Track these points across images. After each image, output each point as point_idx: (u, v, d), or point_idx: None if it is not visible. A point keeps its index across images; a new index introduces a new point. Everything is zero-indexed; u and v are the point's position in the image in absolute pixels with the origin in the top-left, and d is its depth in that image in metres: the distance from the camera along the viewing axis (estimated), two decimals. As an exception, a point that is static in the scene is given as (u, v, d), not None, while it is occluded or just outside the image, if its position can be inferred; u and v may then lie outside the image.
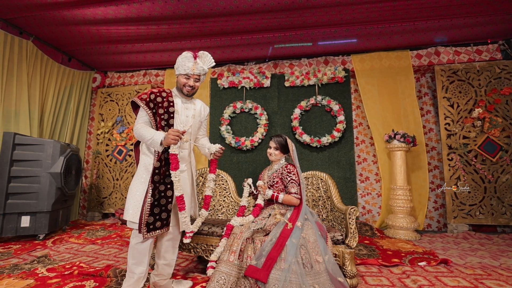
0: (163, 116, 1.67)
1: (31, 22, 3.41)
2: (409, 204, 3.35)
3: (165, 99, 1.70)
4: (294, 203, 1.85)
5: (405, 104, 3.86)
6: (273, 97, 4.20)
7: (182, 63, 1.69)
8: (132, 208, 1.56)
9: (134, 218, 1.54)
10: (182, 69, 1.70)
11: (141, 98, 1.67)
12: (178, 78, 1.74)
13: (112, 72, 4.97)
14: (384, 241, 3.11)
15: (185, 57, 1.69)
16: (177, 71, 1.73)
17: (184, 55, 1.71)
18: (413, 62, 3.87)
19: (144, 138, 1.59)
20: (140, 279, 1.53)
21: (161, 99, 1.69)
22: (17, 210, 2.91)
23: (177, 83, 1.77)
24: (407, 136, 3.41)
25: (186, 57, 1.69)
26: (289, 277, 1.42)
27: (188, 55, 1.70)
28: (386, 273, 2.14)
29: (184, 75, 1.70)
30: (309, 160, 3.97)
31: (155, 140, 1.55)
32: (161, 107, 1.68)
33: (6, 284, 1.78)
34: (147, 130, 1.59)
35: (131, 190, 1.63)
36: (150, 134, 1.57)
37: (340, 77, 3.97)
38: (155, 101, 1.67)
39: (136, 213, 1.55)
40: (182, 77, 1.72)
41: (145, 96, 1.67)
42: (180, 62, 1.70)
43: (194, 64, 1.70)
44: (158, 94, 1.70)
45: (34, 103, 3.72)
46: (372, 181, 3.98)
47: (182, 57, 1.71)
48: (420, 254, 2.59)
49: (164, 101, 1.69)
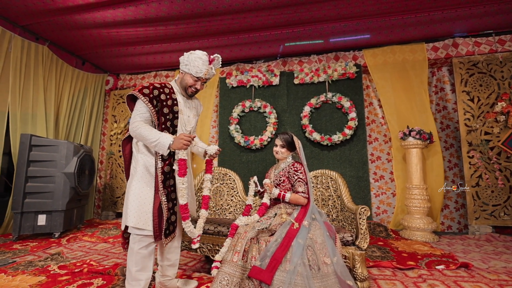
0: (168, 116, 1.56)
1: (45, 28, 3.53)
2: (426, 204, 3.19)
3: (169, 96, 1.57)
4: (302, 202, 1.78)
5: (421, 99, 3.68)
6: (282, 95, 4.14)
7: (195, 64, 1.56)
8: (138, 214, 1.45)
9: (144, 225, 1.44)
10: (193, 70, 1.57)
11: (143, 93, 1.49)
12: (185, 77, 1.61)
13: (124, 74, 5.07)
14: (399, 243, 2.97)
15: (199, 59, 1.56)
16: (186, 69, 1.59)
17: (199, 55, 1.57)
18: (429, 55, 3.68)
19: (146, 139, 1.44)
20: (147, 285, 1.49)
21: (164, 97, 1.55)
22: (33, 209, 3.02)
23: (181, 81, 1.64)
24: (423, 133, 3.24)
25: (201, 59, 1.57)
26: (294, 279, 1.37)
27: (204, 58, 1.58)
28: (400, 277, 2.03)
29: (194, 76, 1.59)
30: (320, 159, 3.88)
31: (162, 143, 1.41)
32: (166, 105, 1.55)
33: (20, 280, 1.83)
34: (150, 130, 1.45)
35: (134, 194, 1.50)
36: (155, 136, 1.42)
37: (351, 73, 3.84)
38: (158, 98, 1.53)
39: (144, 219, 1.45)
40: (190, 78, 1.60)
41: (147, 91, 1.50)
42: (193, 62, 1.56)
43: (209, 69, 1.60)
44: (162, 90, 1.55)
45: (50, 106, 3.85)
46: (386, 180, 3.82)
47: (196, 57, 1.57)
48: (438, 257, 2.44)
49: (168, 98, 1.56)
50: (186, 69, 1.60)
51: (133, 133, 1.49)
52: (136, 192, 1.50)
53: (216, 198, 2.65)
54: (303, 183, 1.83)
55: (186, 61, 1.59)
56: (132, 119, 1.52)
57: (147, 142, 1.46)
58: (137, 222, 1.44)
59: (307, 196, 1.80)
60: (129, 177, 1.61)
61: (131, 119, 1.52)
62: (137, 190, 1.51)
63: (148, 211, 1.47)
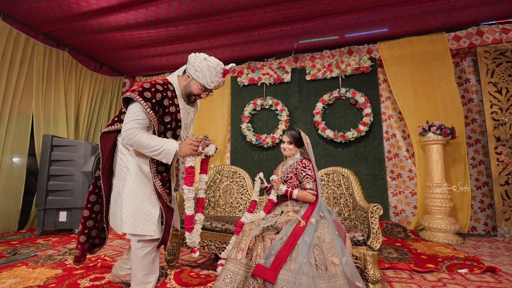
0: (170, 126, 1.41)
1: (65, 34, 3.70)
2: (449, 203, 3.00)
3: (171, 101, 1.41)
4: (310, 199, 1.72)
5: (443, 92, 3.46)
6: (294, 92, 4.07)
7: (207, 74, 1.41)
8: (135, 219, 1.33)
9: (143, 230, 1.34)
10: (203, 79, 1.42)
11: (144, 97, 1.30)
12: (191, 83, 1.46)
13: (140, 77, 5.22)
14: (418, 244, 2.81)
15: (214, 69, 1.41)
16: (195, 76, 1.43)
17: (214, 65, 1.41)
18: (451, 45, 3.46)
19: (147, 147, 1.28)
20: (155, 285, 1.46)
21: (167, 102, 1.39)
22: (55, 206, 3.17)
23: (186, 86, 1.48)
24: (444, 128, 3.05)
25: (215, 69, 1.42)
26: (299, 279, 1.32)
27: (219, 69, 1.43)
28: (418, 280, 1.91)
29: (201, 85, 1.45)
30: (334, 156, 3.77)
31: (168, 151, 1.28)
32: (168, 113, 1.39)
33: (38, 273, 1.92)
34: (151, 137, 1.30)
35: (129, 197, 1.35)
36: (157, 143, 1.28)
37: (366, 67, 3.70)
38: (161, 104, 1.36)
39: (143, 224, 1.34)
40: (198, 86, 1.45)
41: (149, 94, 1.31)
42: (206, 72, 1.41)
43: (220, 82, 1.48)
44: (165, 94, 1.38)
45: (70, 108, 4.04)
46: (405, 178, 3.64)
47: (210, 66, 1.41)
48: (461, 260, 2.28)
49: (170, 104, 1.41)
50: (195, 75, 1.43)
51: (128, 141, 1.31)
52: (132, 195, 1.36)
53: (226, 196, 2.65)
54: (311, 180, 1.77)
55: (197, 67, 1.42)
56: (126, 125, 1.31)
57: (148, 151, 1.30)
58: (135, 228, 1.32)
59: (315, 193, 1.74)
60: (111, 177, 1.46)
61: (125, 124, 1.32)
62: (133, 192, 1.37)
63: (147, 215, 1.35)
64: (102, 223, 1.54)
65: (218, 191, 2.64)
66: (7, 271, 1.96)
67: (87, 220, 1.47)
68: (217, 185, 2.66)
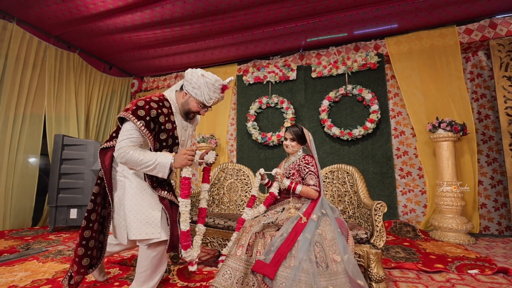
0: (165, 143, 1.37)
1: (75, 36, 3.81)
2: (460, 202, 2.90)
3: (167, 118, 1.37)
4: (312, 195, 1.70)
5: (453, 88, 3.36)
6: (300, 90, 4.04)
7: (205, 91, 1.38)
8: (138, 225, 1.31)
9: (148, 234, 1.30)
10: (202, 97, 1.39)
11: (137, 115, 1.26)
12: (189, 101, 1.42)
13: (148, 77, 5.31)
14: (427, 244, 2.74)
15: (212, 86, 1.38)
16: (193, 93, 1.39)
17: (212, 82, 1.38)
18: (461, 39, 3.34)
19: (140, 163, 1.25)
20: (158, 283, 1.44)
21: (163, 118, 1.35)
22: (66, 203, 3.27)
23: (184, 103, 1.45)
24: (455, 124, 2.95)
25: (214, 86, 1.39)
26: (299, 275, 1.30)
27: (217, 85, 1.40)
28: (425, 280, 1.86)
29: (200, 102, 1.41)
30: (340, 154, 3.71)
31: (162, 164, 1.25)
32: (164, 130, 1.35)
33: (48, 267, 1.99)
34: (144, 152, 1.26)
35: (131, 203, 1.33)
36: (150, 157, 1.25)
37: (373, 63, 3.63)
38: (156, 120, 1.32)
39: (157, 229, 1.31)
40: (196, 103, 1.42)
41: (143, 112, 1.27)
42: (204, 89, 1.37)
43: (220, 98, 1.45)
44: (160, 111, 1.34)
45: (80, 109, 4.15)
46: (414, 176, 3.55)
47: (208, 83, 1.37)
48: (472, 261, 2.20)
49: (166, 121, 1.37)
50: (193, 93, 1.39)
51: (121, 159, 1.27)
52: (133, 201, 1.34)
53: (231, 194, 2.65)
54: (314, 176, 1.75)
55: (195, 84, 1.38)
56: (119, 143, 1.27)
57: (142, 167, 1.26)
58: (140, 233, 1.29)
59: (318, 190, 1.72)
60: (113, 190, 1.41)
61: (118, 143, 1.28)
62: (133, 198, 1.34)
63: (149, 218, 1.32)
64: (99, 243, 1.48)
65: (222, 189, 2.66)
66: (19, 264, 2.04)
67: (89, 241, 1.39)
68: (221, 182, 2.67)
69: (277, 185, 1.79)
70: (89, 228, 1.37)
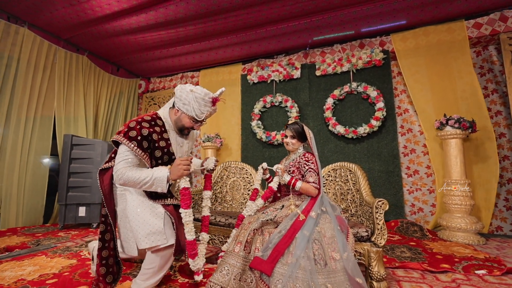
0: (162, 160, 1.39)
1: (83, 39, 3.91)
2: (469, 201, 2.82)
3: (161, 136, 1.39)
4: (312, 192, 1.69)
5: (462, 84, 3.26)
6: (304, 88, 4.02)
7: (195, 106, 1.39)
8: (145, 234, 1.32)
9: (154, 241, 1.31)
10: (193, 112, 1.40)
11: (129, 137, 1.28)
12: (182, 117, 1.43)
13: (154, 78, 5.40)
14: (435, 244, 2.67)
15: (202, 100, 1.39)
16: (184, 109, 1.40)
17: (201, 96, 1.39)
18: (470, 33, 3.25)
19: (137, 181, 1.26)
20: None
21: (157, 137, 1.36)
22: (75, 201, 3.36)
23: (177, 120, 1.46)
24: (463, 121, 2.87)
25: (204, 100, 1.40)
26: (296, 272, 1.30)
27: (207, 99, 1.40)
28: (430, 280, 1.82)
29: (192, 118, 1.42)
30: (345, 153, 3.67)
31: (160, 178, 1.26)
32: (158, 147, 1.37)
33: (55, 262, 2.05)
34: (140, 170, 1.28)
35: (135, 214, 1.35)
36: (147, 174, 1.27)
37: (378, 60, 3.57)
38: (150, 138, 1.33)
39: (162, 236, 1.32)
40: (188, 119, 1.43)
41: (134, 133, 1.29)
42: (194, 104, 1.38)
43: (211, 111, 1.45)
44: (152, 129, 1.36)
45: (89, 109, 4.26)
46: (422, 175, 3.47)
47: (198, 97, 1.39)
48: (480, 261, 2.14)
49: (160, 139, 1.38)
50: (184, 109, 1.40)
51: (119, 181, 1.28)
52: (136, 212, 1.35)
53: (233, 192, 2.67)
54: (314, 173, 1.74)
55: (184, 100, 1.40)
56: (116, 166, 1.30)
57: (140, 185, 1.28)
58: (146, 242, 1.29)
59: (318, 187, 1.71)
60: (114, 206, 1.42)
61: (115, 167, 1.30)
62: (135, 209, 1.36)
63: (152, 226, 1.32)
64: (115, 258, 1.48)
65: (225, 187, 2.67)
66: (29, 259, 2.11)
67: (108, 259, 1.43)
68: (224, 181, 2.69)
69: (277, 180, 1.78)
70: (106, 248, 1.40)
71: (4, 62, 3.29)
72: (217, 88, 4.45)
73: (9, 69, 3.33)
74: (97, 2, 2.99)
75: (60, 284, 1.65)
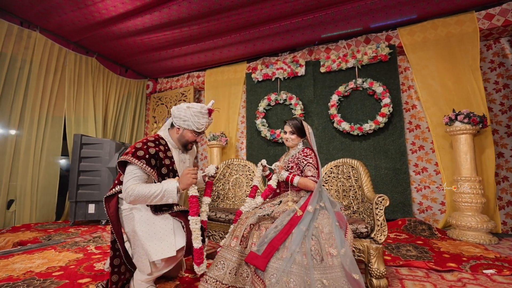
0: (167, 177, 1.45)
1: (92, 42, 4.03)
2: (480, 199, 2.72)
3: (165, 154, 1.48)
4: (311, 186, 1.68)
5: (472, 78, 3.15)
6: (309, 85, 3.98)
7: (194, 120, 1.49)
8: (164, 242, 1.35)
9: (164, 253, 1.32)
10: (194, 126, 1.50)
11: (137, 156, 1.35)
12: (184, 133, 1.54)
13: (162, 78, 5.49)
14: (443, 243, 2.59)
15: (199, 113, 1.50)
16: (185, 125, 1.51)
17: (198, 109, 1.50)
18: (481, 25, 3.12)
19: (148, 196, 1.31)
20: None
21: (162, 155, 1.46)
22: (85, 198, 3.47)
23: (180, 137, 1.56)
24: (473, 116, 2.77)
25: (201, 113, 1.51)
26: (290, 267, 1.29)
27: (204, 111, 1.52)
28: (434, 279, 1.76)
29: (193, 131, 1.53)
30: (351, 150, 3.61)
31: (170, 190, 1.32)
32: (164, 165, 1.45)
33: (63, 256, 2.13)
34: (148, 185, 1.33)
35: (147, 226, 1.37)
36: (157, 187, 1.32)
37: (384, 55, 3.49)
38: (156, 156, 1.42)
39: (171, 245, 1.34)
40: (191, 133, 1.54)
41: (142, 152, 1.37)
42: (193, 118, 1.49)
43: (209, 121, 1.56)
44: (158, 149, 1.44)
45: (98, 110, 4.38)
46: (431, 172, 3.37)
47: (196, 112, 1.50)
48: (489, 261, 2.06)
49: (165, 157, 1.47)
50: (185, 125, 1.51)
51: (129, 199, 1.31)
52: (144, 225, 1.37)
53: (235, 189, 2.68)
54: (312, 167, 1.73)
55: (184, 117, 1.50)
56: (125, 185, 1.33)
57: (151, 199, 1.32)
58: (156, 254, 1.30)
59: (316, 181, 1.69)
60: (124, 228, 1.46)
61: (124, 185, 1.34)
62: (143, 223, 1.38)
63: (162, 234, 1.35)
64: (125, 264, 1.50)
65: (228, 184, 2.69)
66: (39, 253, 2.20)
67: (120, 267, 1.46)
68: (226, 178, 2.71)
69: (276, 178, 1.78)
70: (118, 257, 1.44)
71: (17, 65, 3.44)
72: (223, 87, 4.48)
73: (22, 72, 3.48)
74: (103, 5, 3.08)
75: (65, 276, 1.71)
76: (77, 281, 1.64)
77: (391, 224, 3.17)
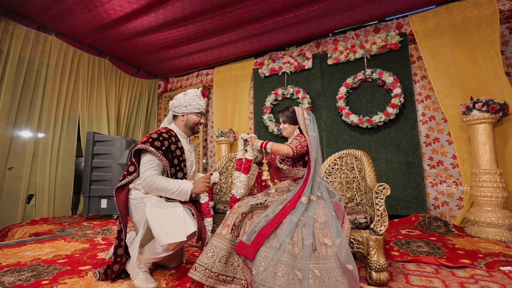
0: (178, 167, 1.58)
1: (104, 43, 4.18)
2: (501, 193, 2.51)
3: (176, 145, 1.60)
4: (283, 150, 1.64)
5: (494, 65, 2.92)
6: (316, 78, 3.89)
7: (194, 102, 1.65)
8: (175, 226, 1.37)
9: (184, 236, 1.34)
10: (195, 108, 1.65)
11: (155, 146, 1.46)
12: (189, 117, 1.67)
13: (172, 78, 5.60)
14: (459, 240, 2.42)
15: (196, 96, 1.67)
16: (188, 110, 1.65)
17: (194, 93, 1.67)
18: (501, 6, 2.89)
19: (165, 190, 1.44)
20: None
21: (174, 147, 1.58)
22: (97, 194, 3.60)
23: (187, 122, 1.68)
24: (492, 103, 2.56)
25: (197, 95, 1.68)
26: (279, 256, 1.25)
27: (199, 94, 1.69)
28: (444, 275, 1.64)
29: (197, 113, 1.68)
30: (360, 144, 3.48)
31: (185, 191, 1.46)
32: (176, 156, 1.57)
33: (71, 246, 2.22)
34: (168, 181, 1.46)
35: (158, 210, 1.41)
36: (174, 185, 1.45)
37: (394, 43, 3.33)
38: (169, 149, 1.53)
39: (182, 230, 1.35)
40: (195, 116, 1.68)
41: (159, 143, 1.48)
42: (192, 101, 1.65)
43: (204, 102, 1.72)
44: (170, 140, 1.56)
45: (111, 110, 4.54)
46: (447, 165, 3.17)
47: (193, 96, 1.66)
48: (509, 258, 1.90)
49: (176, 148, 1.59)
50: (187, 110, 1.66)
51: (149, 188, 1.44)
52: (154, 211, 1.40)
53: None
54: (295, 142, 1.70)
55: (184, 103, 1.65)
56: (143, 174, 1.45)
57: (167, 193, 1.45)
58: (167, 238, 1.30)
59: (292, 147, 1.65)
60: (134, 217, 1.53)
61: (142, 174, 1.46)
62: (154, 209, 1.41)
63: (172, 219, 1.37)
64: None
65: (231, 178, 2.68)
66: (49, 243, 2.30)
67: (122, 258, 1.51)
68: (229, 171, 2.70)
69: (251, 149, 1.77)
70: (121, 246, 1.50)
71: (35, 67, 3.64)
72: (231, 84, 4.50)
73: (39, 74, 3.68)
74: (110, 5, 3.18)
75: (69, 263, 1.77)
76: (78, 268, 1.69)
77: (404, 220, 3.01)
